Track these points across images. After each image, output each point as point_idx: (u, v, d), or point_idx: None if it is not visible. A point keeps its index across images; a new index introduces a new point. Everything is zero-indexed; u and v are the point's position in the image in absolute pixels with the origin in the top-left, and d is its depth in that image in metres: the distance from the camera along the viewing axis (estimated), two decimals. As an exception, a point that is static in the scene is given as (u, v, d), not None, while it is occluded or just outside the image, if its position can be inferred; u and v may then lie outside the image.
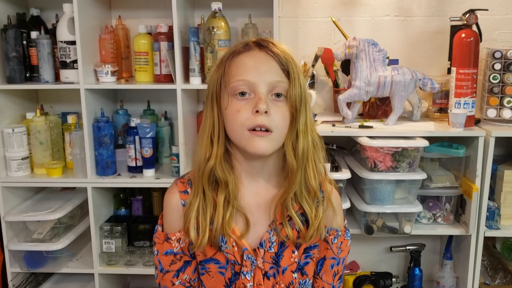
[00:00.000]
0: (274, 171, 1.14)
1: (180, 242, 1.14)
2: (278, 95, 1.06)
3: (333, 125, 1.99)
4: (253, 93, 1.05)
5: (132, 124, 2.09)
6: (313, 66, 2.09)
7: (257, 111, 1.03)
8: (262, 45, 1.08)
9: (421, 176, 1.90)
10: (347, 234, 1.21)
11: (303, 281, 1.17)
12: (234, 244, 1.10)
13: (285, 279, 1.13)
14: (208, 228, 1.08)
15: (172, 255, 1.15)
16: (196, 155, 1.11)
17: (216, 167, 1.08)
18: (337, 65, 2.19)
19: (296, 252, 1.13)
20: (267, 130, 1.04)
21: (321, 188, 1.14)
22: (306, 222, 1.12)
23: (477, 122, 2.01)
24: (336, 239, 1.17)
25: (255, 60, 1.07)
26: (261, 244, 1.11)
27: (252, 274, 1.11)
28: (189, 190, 1.13)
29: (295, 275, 1.14)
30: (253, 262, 1.11)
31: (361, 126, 1.97)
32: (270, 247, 1.11)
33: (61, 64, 2.04)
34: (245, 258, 1.10)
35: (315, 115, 2.07)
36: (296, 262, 1.13)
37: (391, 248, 2.20)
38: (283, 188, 1.11)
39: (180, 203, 1.13)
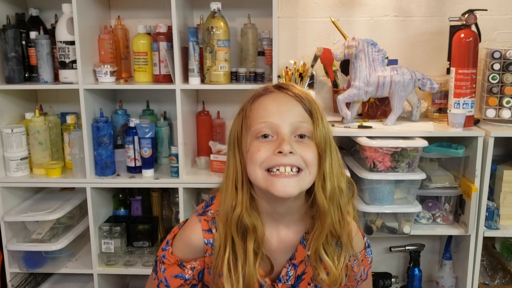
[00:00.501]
0: (297, 216, 1.12)
1: (194, 271, 1.14)
2: (301, 136, 1.04)
3: (332, 125, 1.99)
4: (276, 135, 1.02)
5: (131, 124, 2.09)
6: (312, 66, 2.09)
7: (279, 152, 1.00)
8: (282, 87, 1.07)
9: (420, 176, 1.90)
10: (368, 252, 1.20)
11: None
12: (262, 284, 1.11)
13: None
14: (241, 278, 1.06)
15: (183, 280, 1.14)
16: (223, 205, 1.08)
17: (243, 215, 1.05)
18: (336, 65, 2.19)
19: (312, 284, 1.14)
20: (299, 170, 1.02)
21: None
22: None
23: (476, 122, 2.01)
24: (355, 261, 1.16)
25: (276, 101, 1.05)
26: (279, 279, 1.13)
27: None
28: (213, 230, 1.12)
29: None
30: None
31: (360, 126, 1.97)
32: (287, 280, 1.13)
33: (60, 64, 2.03)
34: None
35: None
36: None
37: (390, 248, 2.21)
38: (309, 229, 1.10)
39: (203, 242, 1.12)
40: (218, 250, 1.08)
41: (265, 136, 1.03)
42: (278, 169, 1.00)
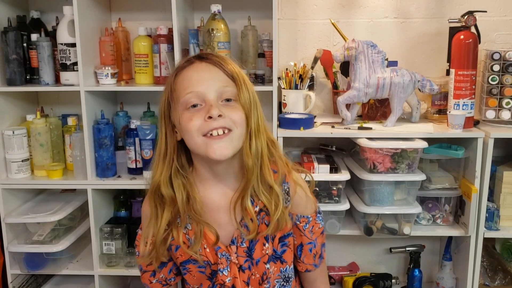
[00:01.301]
0: (237, 174, 1.18)
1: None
2: (228, 100, 1.11)
3: (332, 127, 2.00)
4: (204, 102, 1.09)
5: (132, 126, 2.09)
6: (312, 68, 2.10)
7: (209, 117, 1.07)
8: (202, 57, 1.13)
9: (420, 177, 1.91)
10: (318, 218, 1.27)
11: (284, 269, 1.24)
12: (205, 246, 1.17)
13: (259, 270, 1.21)
14: (152, 241, 1.18)
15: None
16: (152, 178, 1.17)
17: (160, 185, 1.14)
18: (336, 66, 2.19)
19: (267, 244, 1.19)
20: (229, 131, 1.09)
21: (285, 180, 1.20)
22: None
23: (476, 123, 2.02)
24: (307, 225, 1.24)
25: (198, 71, 1.11)
26: (232, 241, 1.18)
27: (228, 269, 1.18)
28: None
29: (268, 265, 1.20)
30: (227, 258, 1.18)
31: (360, 128, 1.97)
32: (242, 242, 1.18)
33: (61, 66, 2.04)
34: (219, 256, 1.18)
35: (315, 116, 2.07)
36: (267, 254, 1.20)
37: (390, 249, 2.21)
38: (241, 187, 1.16)
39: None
40: (148, 220, 1.19)
41: (194, 105, 1.10)
42: (211, 133, 1.08)
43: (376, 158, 1.89)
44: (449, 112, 1.95)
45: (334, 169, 1.95)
